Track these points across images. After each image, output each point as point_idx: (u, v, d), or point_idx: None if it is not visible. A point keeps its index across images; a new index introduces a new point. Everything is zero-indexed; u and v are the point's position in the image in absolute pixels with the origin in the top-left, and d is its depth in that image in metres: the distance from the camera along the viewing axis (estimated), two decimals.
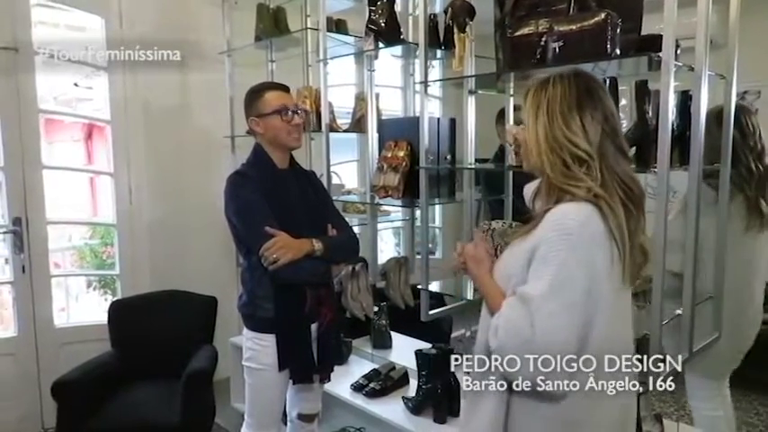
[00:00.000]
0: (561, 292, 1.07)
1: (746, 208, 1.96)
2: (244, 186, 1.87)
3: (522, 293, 1.11)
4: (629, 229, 1.13)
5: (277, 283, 1.83)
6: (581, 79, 1.21)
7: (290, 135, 1.90)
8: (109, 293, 3.56)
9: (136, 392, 2.67)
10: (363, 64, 2.76)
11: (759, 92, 3.57)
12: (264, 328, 1.90)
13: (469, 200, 2.27)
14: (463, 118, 2.24)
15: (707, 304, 1.90)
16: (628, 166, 1.20)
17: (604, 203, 1.12)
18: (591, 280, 1.09)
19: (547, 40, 1.72)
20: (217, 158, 3.37)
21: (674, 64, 1.46)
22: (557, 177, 1.17)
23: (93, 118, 3.39)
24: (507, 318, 1.11)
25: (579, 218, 1.11)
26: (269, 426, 1.98)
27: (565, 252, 1.08)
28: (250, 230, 1.83)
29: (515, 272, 1.16)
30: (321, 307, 1.93)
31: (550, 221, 1.12)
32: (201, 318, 3.02)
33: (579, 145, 1.16)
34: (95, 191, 3.63)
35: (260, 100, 1.91)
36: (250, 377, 1.95)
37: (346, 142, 3.56)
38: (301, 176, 2.00)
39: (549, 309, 1.07)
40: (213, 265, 3.48)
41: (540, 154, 1.20)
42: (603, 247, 1.12)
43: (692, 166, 1.62)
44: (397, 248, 4.71)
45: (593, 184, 1.13)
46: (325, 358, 1.98)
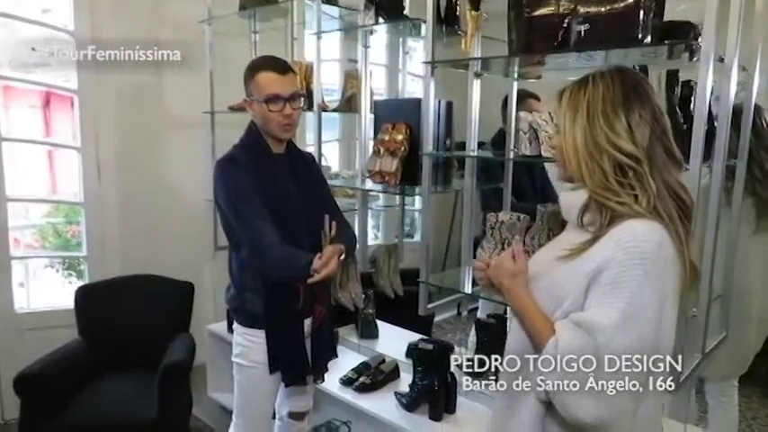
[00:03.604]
0: (635, 323, 0.97)
1: (756, 210, 1.94)
2: (236, 174, 1.70)
3: (587, 323, 1.00)
4: (687, 245, 1.04)
5: (270, 279, 1.71)
6: (626, 76, 1.10)
7: (280, 126, 1.72)
8: (74, 276, 3.34)
9: (107, 385, 2.51)
10: (357, 39, 2.60)
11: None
12: (254, 324, 1.77)
13: (471, 188, 2.16)
14: (467, 102, 2.11)
15: (715, 304, 1.86)
16: (678, 171, 1.09)
17: (668, 221, 1.02)
18: (662, 308, 0.99)
19: (570, 21, 1.60)
20: (195, 135, 3.17)
21: (713, 54, 1.36)
22: (595, 189, 1.06)
23: (57, 86, 3.12)
24: (569, 347, 1.00)
25: (654, 239, 1.00)
26: (258, 426, 1.87)
27: (639, 278, 0.98)
28: (242, 225, 1.68)
29: (570, 294, 1.04)
30: (315, 303, 1.80)
31: (619, 241, 1.01)
32: (177, 305, 2.86)
33: (624, 149, 1.04)
34: (54, 165, 3.36)
35: (252, 81, 1.73)
36: (239, 374, 1.82)
37: (326, 121, 3.41)
38: (298, 161, 1.83)
39: (621, 342, 0.97)
40: (189, 249, 3.30)
41: (578, 162, 1.08)
42: (674, 271, 1.02)
43: (716, 161, 1.55)
44: (374, 231, 4.60)
45: (643, 198, 1.02)
46: (319, 358, 1.86)
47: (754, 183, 1.91)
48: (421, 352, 2.11)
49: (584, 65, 1.71)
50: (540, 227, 1.85)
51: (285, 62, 1.81)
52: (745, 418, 3.00)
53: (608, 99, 1.06)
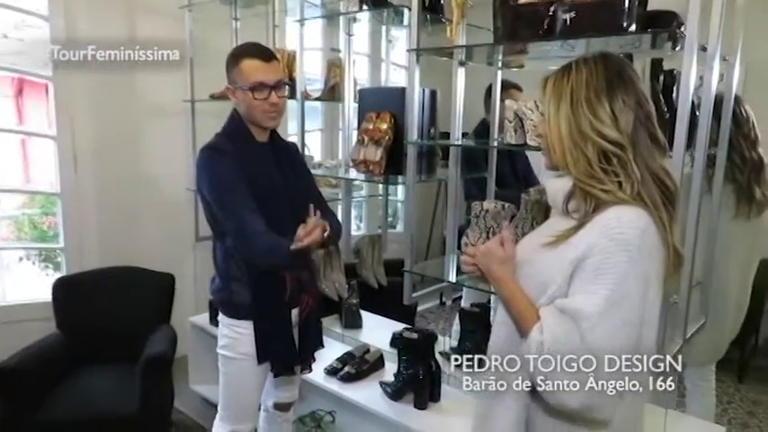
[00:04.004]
0: (619, 309, 0.97)
1: (736, 197, 1.98)
2: (220, 163, 1.65)
3: (571, 309, 1.00)
4: (671, 231, 1.04)
5: (256, 269, 1.68)
6: (610, 61, 1.08)
7: (266, 114, 1.68)
8: (51, 268, 3.27)
9: (87, 379, 2.45)
10: (340, 27, 2.57)
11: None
12: (241, 315, 1.74)
13: (455, 178, 2.16)
14: (451, 91, 2.10)
15: (695, 291, 1.89)
16: (662, 157, 1.09)
17: (653, 207, 1.02)
18: (646, 294, 1.00)
19: (556, 9, 1.60)
20: (175, 124, 3.11)
21: (696, 43, 1.37)
22: (579, 177, 1.06)
23: (30, 73, 3.03)
24: (552, 334, 1.00)
25: (639, 225, 1.00)
26: (245, 419, 1.84)
27: (624, 265, 0.98)
28: (227, 214, 1.64)
29: (555, 280, 1.04)
30: (302, 293, 1.79)
31: (603, 227, 1.01)
32: (158, 296, 2.80)
33: (608, 136, 1.03)
34: (28, 155, 3.27)
35: (236, 68, 1.68)
36: (225, 366, 1.79)
37: (309, 110, 3.38)
38: (281, 151, 1.80)
39: (605, 328, 0.97)
40: (170, 240, 3.25)
41: (563, 150, 1.08)
42: (658, 258, 1.02)
43: (698, 149, 1.57)
44: (357, 222, 4.58)
45: (627, 185, 1.02)
46: (307, 347, 1.84)
47: (734, 169, 1.94)
48: (406, 341, 2.11)
49: (567, 54, 1.72)
50: (524, 215, 1.86)
51: (269, 49, 1.77)
52: (721, 402, 3.08)
53: (591, 85, 1.06)
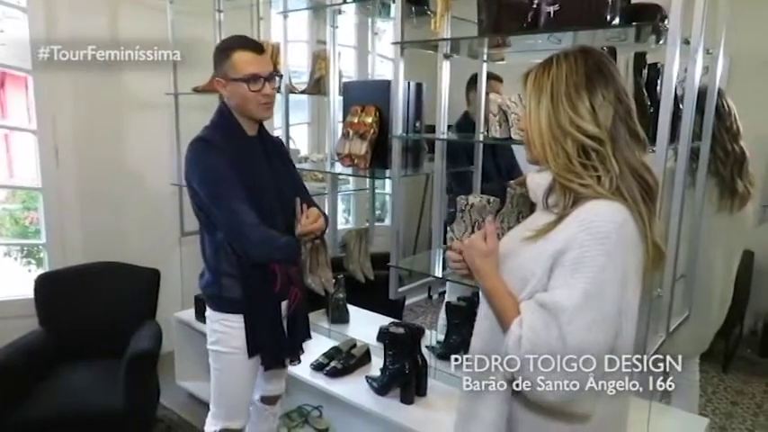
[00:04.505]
0: (597, 303, 0.97)
1: (719, 190, 1.98)
2: (210, 155, 1.64)
3: (550, 303, 0.99)
4: (650, 226, 1.04)
5: (250, 262, 1.68)
6: (590, 56, 1.08)
7: (260, 106, 1.68)
8: (33, 264, 3.22)
9: (70, 376, 2.42)
10: (325, 20, 2.54)
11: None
12: (232, 309, 1.74)
13: (441, 172, 2.14)
14: (436, 84, 2.09)
15: (679, 284, 1.89)
16: (642, 152, 1.09)
17: (632, 202, 1.02)
18: (624, 288, 0.99)
19: (540, 2, 1.59)
20: (157, 118, 3.07)
21: (679, 36, 1.36)
22: (558, 172, 1.05)
23: (10, 66, 2.97)
24: (531, 328, 0.99)
25: (616, 219, 1.00)
26: (238, 415, 1.83)
27: (601, 258, 0.97)
28: (219, 206, 1.63)
29: (535, 274, 1.04)
30: (291, 285, 1.80)
31: (582, 222, 1.00)
32: (142, 292, 2.77)
33: (587, 130, 1.03)
34: (10, 149, 3.22)
35: (227, 61, 1.66)
36: (217, 362, 1.79)
37: (296, 104, 3.35)
38: (269, 145, 1.80)
39: (583, 322, 0.96)
40: (154, 235, 3.22)
41: (543, 145, 1.07)
42: (636, 252, 1.02)
43: (681, 142, 1.57)
44: (345, 215, 4.56)
45: (606, 179, 1.02)
46: (296, 339, 1.86)
47: (717, 163, 1.94)
48: (391, 336, 2.10)
49: (554, 47, 1.71)
50: (509, 209, 1.85)
51: (258, 42, 1.78)
52: (706, 393, 3.11)
53: (571, 80, 1.05)
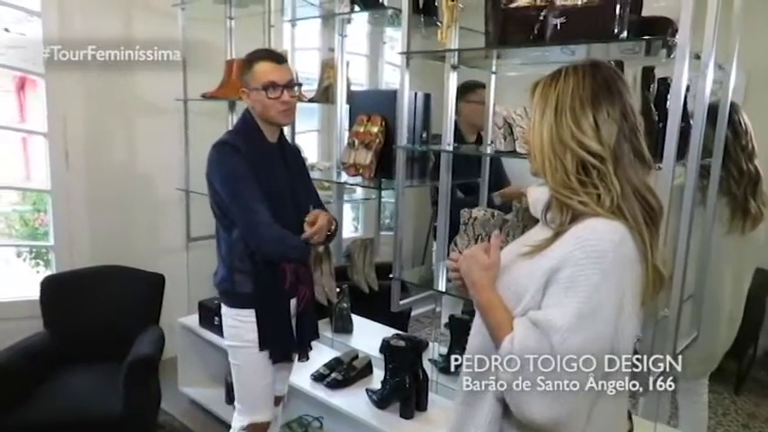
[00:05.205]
0: (590, 323, 0.94)
1: (731, 210, 1.92)
2: (232, 157, 1.74)
3: (543, 321, 0.96)
4: (652, 250, 1.00)
5: (263, 259, 1.77)
6: (599, 70, 1.05)
7: (280, 112, 1.77)
8: (41, 265, 3.25)
9: (71, 379, 2.42)
10: (334, 28, 2.54)
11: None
12: (244, 304, 1.82)
13: (446, 184, 2.12)
14: (443, 94, 2.06)
15: (687, 304, 1.84)
16: (646, 173, 1.05)
17: (633, 222, 0.98)
18: (620, 308, 0.96)
19: (547, 14, 1.57)
20: (167, 123, 3.07)
21: (689, 51, 1.33)
22: (555, 187, 1.03)
23: (24, 70, 3.01)
24: (524, 346, 0.96)
25: (613, 238, 0.96)
26: (262, 409, 1.88)
27: (596, 277, 0.94)
28: (238, 203, 1.72)
29: (529, 291, 1.01)
30: (299, 284, 1.86)
31: (578, 239, 0.97)
32: (147, 297, 2.77)
33: (588, 146, 1.00)
34: (28, 152, 3.26)
35: (250, 72, 1.78)
36: (235, 358, 1.86)
37: (305, 111, 3.35)
38: (288, 152, 1.89)
39: (575, 342, 0.93)
40: (161, 240, 3.23)
41: (543, 158, 1.04)
42: (634, 272, 0.99)
43: (690, 159, 1.52)
44: (354, 223, 4.55)
45: (606, 198, 0.99)
46: (304, 336, 1.92)
47: (730, 182, 1.89)
48: (392, 349, 2.08)
49: (568, 58, 1.68)
50: (515, 223, 1.82)
51: (280, 53, 1.89)
52: (716, 415, 3.03)
53: (577, 95, 1.03)
